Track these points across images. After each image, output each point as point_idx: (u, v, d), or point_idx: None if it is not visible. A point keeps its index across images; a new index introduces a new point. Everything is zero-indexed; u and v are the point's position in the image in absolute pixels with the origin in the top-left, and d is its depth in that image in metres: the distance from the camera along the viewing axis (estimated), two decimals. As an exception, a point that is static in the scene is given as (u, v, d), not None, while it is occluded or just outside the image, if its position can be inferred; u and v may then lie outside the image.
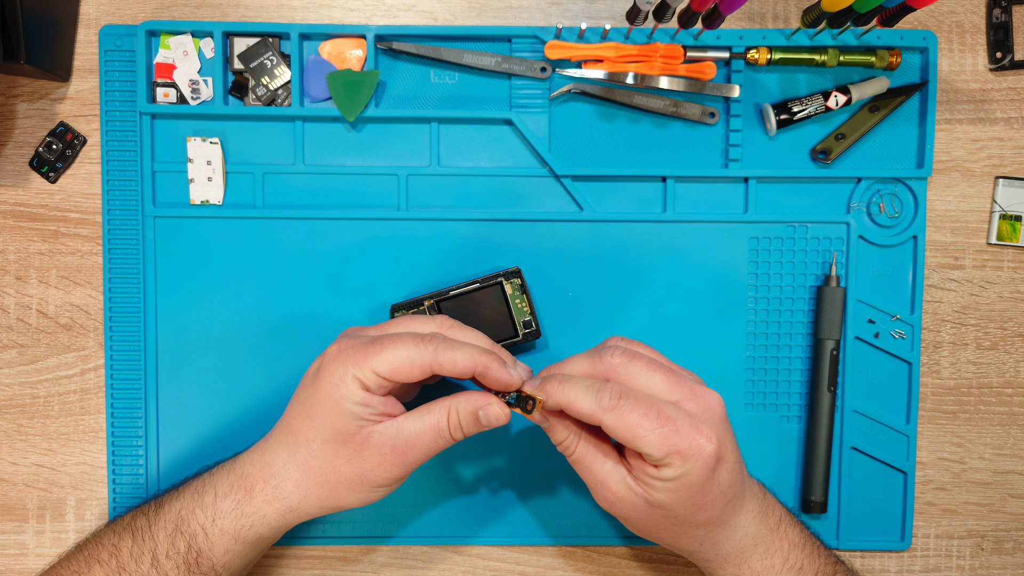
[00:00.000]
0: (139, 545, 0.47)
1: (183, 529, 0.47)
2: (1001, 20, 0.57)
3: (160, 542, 0.47)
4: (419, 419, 0.45)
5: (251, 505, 0.47)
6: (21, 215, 0.58)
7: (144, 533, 0.47)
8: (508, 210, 0.57)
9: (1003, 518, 0.59)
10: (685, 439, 0.42)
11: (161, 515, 0.48)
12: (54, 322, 0.58)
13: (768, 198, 0.57)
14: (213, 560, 0.47)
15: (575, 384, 0.44)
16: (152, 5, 0.57)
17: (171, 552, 0.47)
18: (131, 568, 0.47)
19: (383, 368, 0.43)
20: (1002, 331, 0.59)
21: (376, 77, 0.55)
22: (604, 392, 0.43)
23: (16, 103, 0.57)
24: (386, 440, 0.45)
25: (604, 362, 0.45)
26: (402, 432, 0.45)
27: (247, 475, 0.47)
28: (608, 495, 0.46)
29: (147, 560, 0.47)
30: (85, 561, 0.48)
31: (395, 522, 0.58)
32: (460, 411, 0.45)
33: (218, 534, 0.47)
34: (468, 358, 0.44)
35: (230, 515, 0.47)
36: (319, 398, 0.45)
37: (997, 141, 0.58)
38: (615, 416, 0.42)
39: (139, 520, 0.48)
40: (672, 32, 0.55)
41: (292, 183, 0.57)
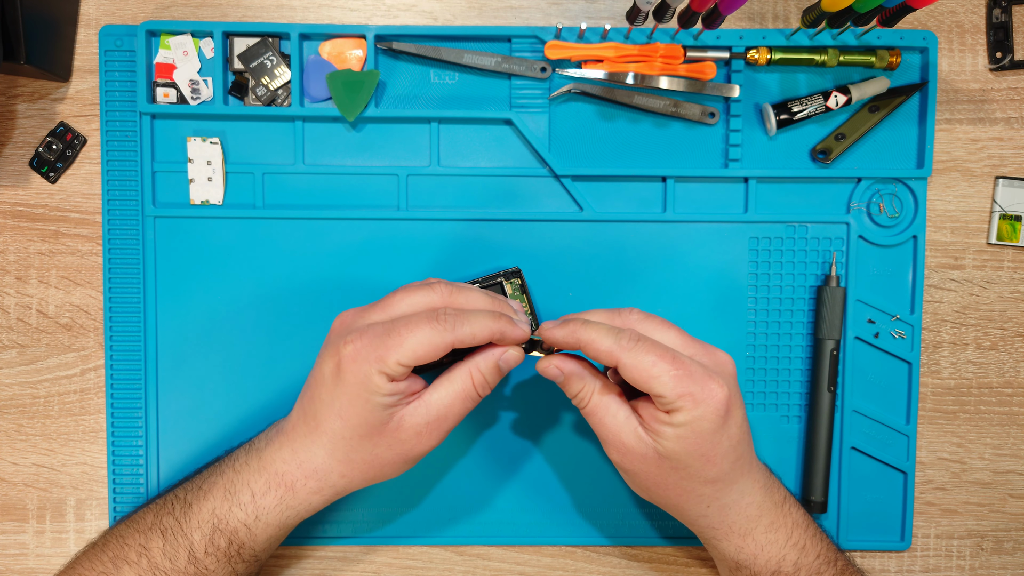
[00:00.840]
0: (172, 545, 0.47)
1: (222, 528, 0.47)
2: (1001, 20, 0.57)
3: (196, 541, 0.47)
4: (445, 390, 0.46)
5: (296, 499, 0.48)
6: (21, 215, 0.58)
7: (175, 532, 0.48)
8: (508, 210, 0.57)
9: (1003, 518, 0.59)
10: (698, 383, 0.44)
11: (192, 516, 0.48)
12: (54, 322, 0.58)
13: (768, 198, 0.57)
14: (256, 549, 0.49)
15: (596, 325, 0.45)
16: (152, 5, 0.57)
17: (210, 549, 0.47)
18: (166, 567, 0.47)
19: (407, 358, 0.44)
20: (1002, 331, 0.59)
21: (376, 77, 0.55)
22: (623, 334, 0.44)
23: (16, 103, 0.57)
24: (419, 420, 0.46)
25: (622, 316, 0.47)
26: (432, 408, 0.46)
27: (285, 473, 0.48)
28: (619, 446, 0.46)
29: (183, 557, 0.47)
30: (112, 563, 0.48)
31: (395, 522, 0.58)
32: (482, 369, 0.47)
33: (262, 528, 0.48)
34: (484, 328, 0.45)
35: (274, 510, 0.48)
36: (348, 398, 0.45)
37: (997, 141, 0.58)
38: (632, 355, 0.44)
39: (166, 520, 0.48)
40: (672, 32, 0.55)
41: (292, 183, 0.57)
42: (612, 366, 0.45)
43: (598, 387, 0.47)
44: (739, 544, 0.48)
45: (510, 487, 0.58)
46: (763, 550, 0.48)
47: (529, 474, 0.58)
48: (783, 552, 0.48)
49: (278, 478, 0.48)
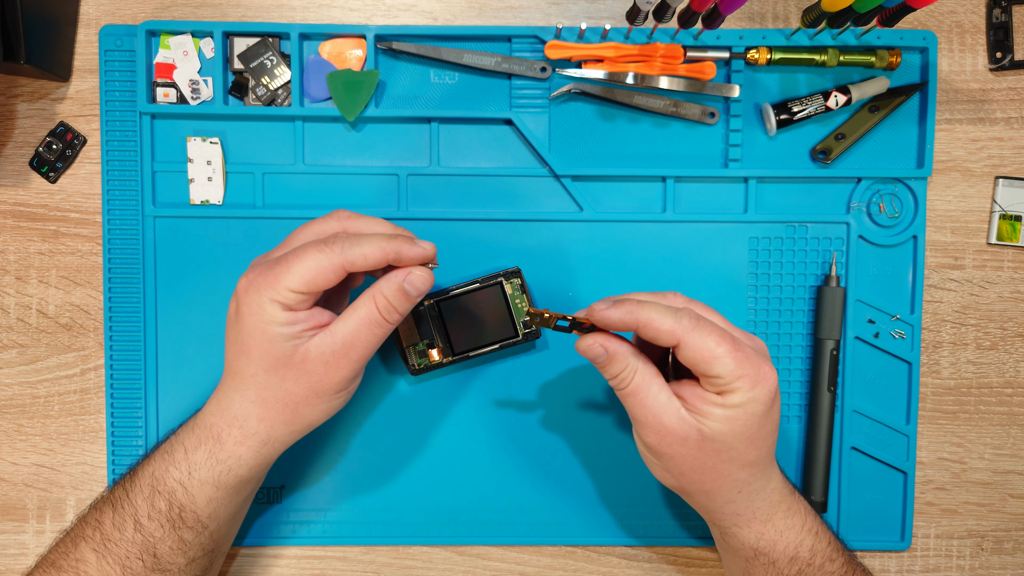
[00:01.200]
0: (120, 514, 0.47)
1: (159, 489, 0.47)
2: (1001, 20, 0.57)
3: (140, 506, 0.47)
4: (349, 318, 0.46)
5: (223, 451, 0.47)
6: (21, 215, 0.58)
7: (123, 502, 0.47)
8: (508, 210, 0.57)
9: (1003, 518, 0.59)
10: (754, 365, 0.44)
11: (136, 482, 0.48)
12: (54, 322, 0.58)
13: (768, 198, 0.57)
14: (197, 512, 0.47)
15: (653, 305, 0.44)
16: (152, 5, 0.57)
17: (152, 513, 0.47)
18: (115, 537, 0.47)
19: (296, 283, 0.43)
20: (1002, 331, 0.59)
21: (376, 77, 0.55)
22: (682, 314, 0.44)
23: (16, 103, 0.57)
24: (324, 349, 0.45)
25: (668, 299, 0.47)
26: (336, 337, 0.45)
27: (211, 425, 0.48)
28: (659, 428, 0.45)
29: (130, 526, 0.47)
30: (72, 541, 0.48)
31: (395, 522, 0.58)
32: (384, 293, 0.46)
33: (197, 485, 0.47)
34: (377, 248, 0.44)
35: (205, 465, 0.47)
36: (247, 333, 0.45)
37: (997, 141, 0.58)
38: (694, 336, 0.43)
39: (116, 492, 0.48)
40: (672, 32, 0.55)
41: (292, 183, 0.57)
42: (672, 346, 0.44)
43: (640, 367, 0.45)
44: (760, 530, 0.48)
45: (510, 487, 0.58)
46: (782, 536, 0.48)
47: (529, 474, 0.58)
48: (800, 537, 0.48)
49: (206, 431, 0.47)
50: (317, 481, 0.58)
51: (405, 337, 0.55)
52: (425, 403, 0.57)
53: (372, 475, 0.57)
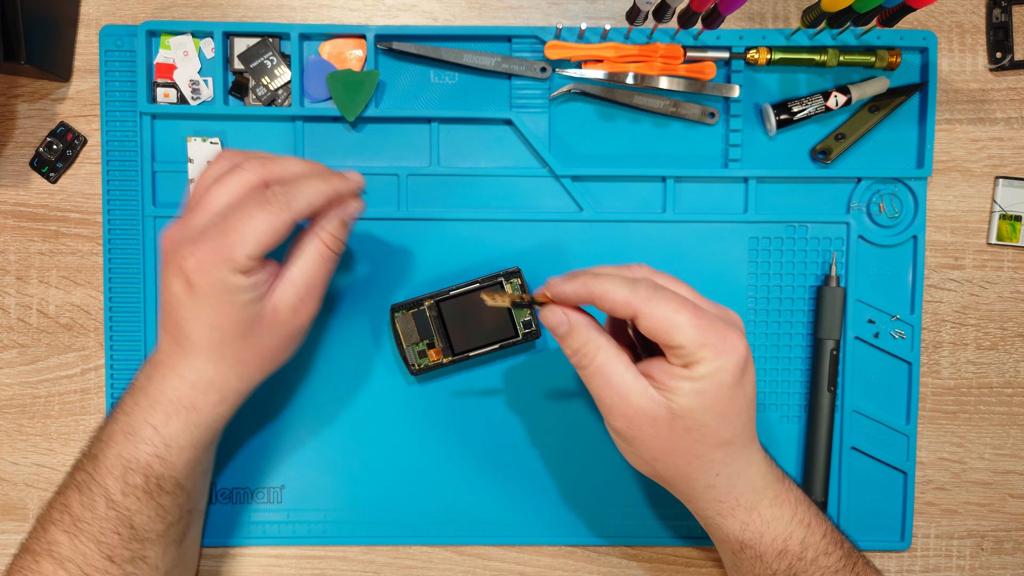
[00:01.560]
0: (87, 496, 0.46)
1: (132, 467, 0.46)
2: (1001, 20, 0.57)
3: (110, 485, 0.46)
4: (303, 262, 0.47)
5: (201, 416, 0.47)
6: (21, 215, 0.58)
7: (89, 484, 0.47)
8: (508, 210, 0.57)
9: (1003, 518, 0.59)
10: (718, 333, 0.42)
11: (100, 465, 0.47)
12: (54, 322, 0.58)
13: (768, 198, 0.57)
14: (176, 476, 0.47)
15: (609, 277, 0.43)
16: (152, 5, 0.57)
17: (127, 489, 0.46)
18: (86, 517, 0.46)
19: (253, 250, 0.43)
20: (1002, 331, 0.59)
21: (376, 77, 0.55)
22: (640, 284, 0.42)
23: (16, 103, 0.58)
24: (291, 298, 0.46)
25: (632, 271, 0.45)
26: (297, 283, 0.46)
27: (180, 398, 0.47)
28: (626, 410, 0.43)
29: (101, 504, 0.46)
30: (41, 526, 0.47)
31: (395, 522, 0.58)
32: (329, 230, 0.47)
33: (176, 453, 0.47)
34: (320, 194, 0.45)
35: (183, 434, 0.47)
36: (213, 308, 0.45)
37: (997, 141, 0.58)
38: (651, 305, 0.41)
39: (79, 476, 0.47)
40: (672, 32, 0.55)
41: (292, 183, 0.57)
42: (629, 318, 0.42)
43: (603, 344, 0.43)
44: (744, 520, 0.46)
45: (510, 487, 0.58)
46: (769, 526, 0.46)
47: (529, 474, 0.58)
48: (789, 529, 0.46)
49: (175, 404, 0.47)
50: (317, 481, 0.58)
51: (405, 337, 0.55)
52: (425, 403, 0.57)
53: (372, 475, 0.57)
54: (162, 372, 0.47)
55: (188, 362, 0.47)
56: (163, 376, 0.47)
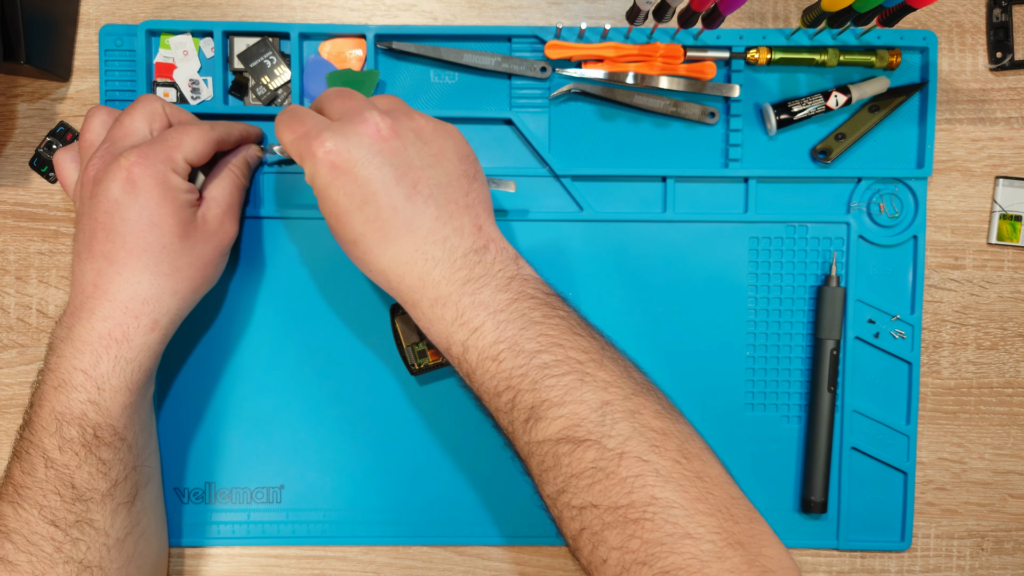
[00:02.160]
0: (27, 461, 0.45)
1: (66, 419, 0.45)
2: (1001, 20, 0.57)
3: (47, 443, 0.45)
4: (221, 185, 0.51)
5: (132, 348, 0.46)
6: (21, 215, 0.58)
7: (27, 449, 0.46)
8: (508, 210, 0.57)
9: (1003, 518, 0.59)
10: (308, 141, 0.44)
11: (35, 427, 0.46)
12: (54, 322, 0.58)
13: (768, 198, 0.57)
14: (113, 424, 0.46)
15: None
16: (152, 5, 0.57)
17: (63, 444, 0.45)
18: (26, 482, 0.45)
19: (191, 154, 0.48)
20: (1002, 331, 0.59)
21: (376, 77, 0.55)
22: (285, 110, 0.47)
23: (16, 103, 0.57)
24: (216, 211, 0.50)
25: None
26: (220, 201, 0.51)
27: (111, 330, 0.46)
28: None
29: (40, 466, 0.45)
30: None
31: (395, 522, 0.58)
32: (239, 165, 0.53)
33: (110, 395, 0.46)
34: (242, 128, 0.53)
35: (114, 373, 0.46)
36: (155, 204, 0.46)
37: (997, 141, 0.58)
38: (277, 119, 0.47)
39: (18, 445, 0.47)
40: (672, 32, 0.55)
41: (292, 183, 0.57)
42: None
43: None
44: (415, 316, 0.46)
45: (511, 487, 0.58)
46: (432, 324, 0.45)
47: (529, 474, 0.58)
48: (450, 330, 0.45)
49: (105, 339, 0.45)
50: (316, 481, 0.58)
51: (405, 337, 0.55)
52: (425, 403, 0.57)
53: (372, 475, 0.57)
54: (89, 308, 0.46)
55: (122, 277, 0.46)
56: (90, 312, 0.46)
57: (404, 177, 0.44)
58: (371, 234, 0.45)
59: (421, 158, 0.45)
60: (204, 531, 0.57)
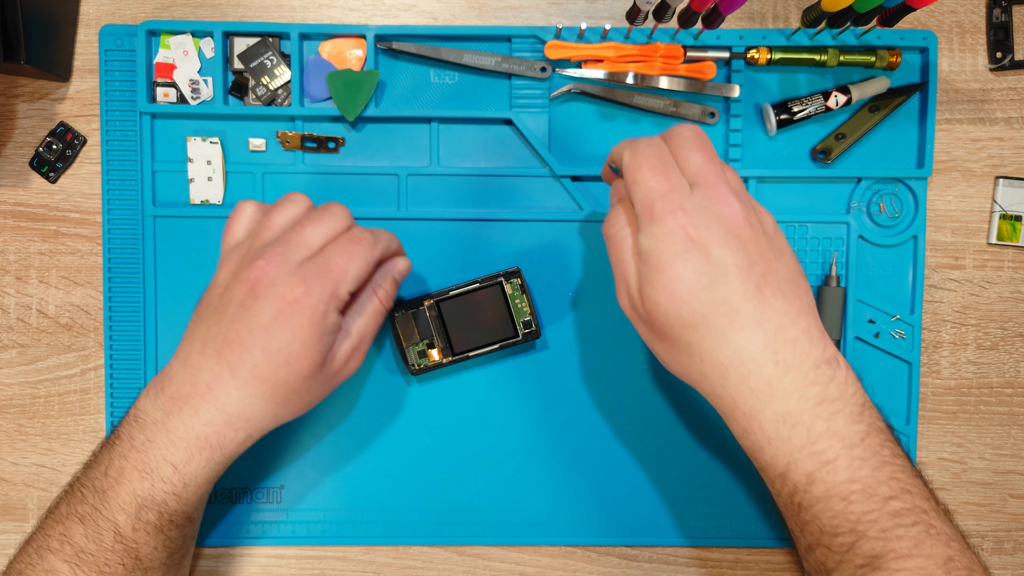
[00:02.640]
0: (93, 529, 0.45)
1: (148, 504, 0.45)
2: (1001, 20, 0.57)
3: (121, 521, 0.45)
4: (360, 316, 0.48)
5: (224, 453, 0.46)
6: (21, 215, 0.58)
7: (95, 518, 0.46)
8: (508, 210, 0.57)
9: (1003, 518, 0.59)
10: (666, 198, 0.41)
11: (110, 501, 0.45)
12: (54, 322, 0.58)
13: (768, 198, 0.57)
14: (189, 512, 0.47)
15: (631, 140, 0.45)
16: (152, 5, 0.57)
17: (138, 525, 0.45)
18: (91, 549, 0.45)
19: (354, 284, 0.46)
20: (1002, 331, 0.59)
21: (376, 77, 0.55)
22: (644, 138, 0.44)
23: (16, 103, 0.57)
24: (346, 347, 0.47)
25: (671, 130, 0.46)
26: (351, 333, 0.48)
27: (208, 435, 0.46)
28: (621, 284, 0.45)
29: (108, 537, 0.45)
30: (37, 553, 0.46)
31: (395, 522, 0.58)
32: (384, 286, 0.49)
33: (193, 491, 0.46)
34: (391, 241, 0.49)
35: (202, 472, 0.46)
36: (299, 343, 0.44)
37: (997, 141, 0.58)
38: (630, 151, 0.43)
39: (82, 508, 0.46)
40: (672, 32, 0.55)
41: (292, 183, 0.57)
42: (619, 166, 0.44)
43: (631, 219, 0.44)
44: (745, 428, 0.41)
45: (510, 487, 0.58)
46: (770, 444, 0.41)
47: (529, 474, 0.58)
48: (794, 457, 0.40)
49: (201, 442, 0.45)
50: (317, 481, 0.58)
51: (405, 337, 0.55)
52: (425, 403, 0.57)
53: (372, 475, 0.57)
54: (193, 406, 0.45)
55: (238, 394, 0.45)
56: (194, 410, 0.45)
57: (755, 266, 0.41)
58: (716, 319, 0.40)
59: (769, 250, 0.42)
60: (205, 532, 0.57)
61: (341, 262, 0.45)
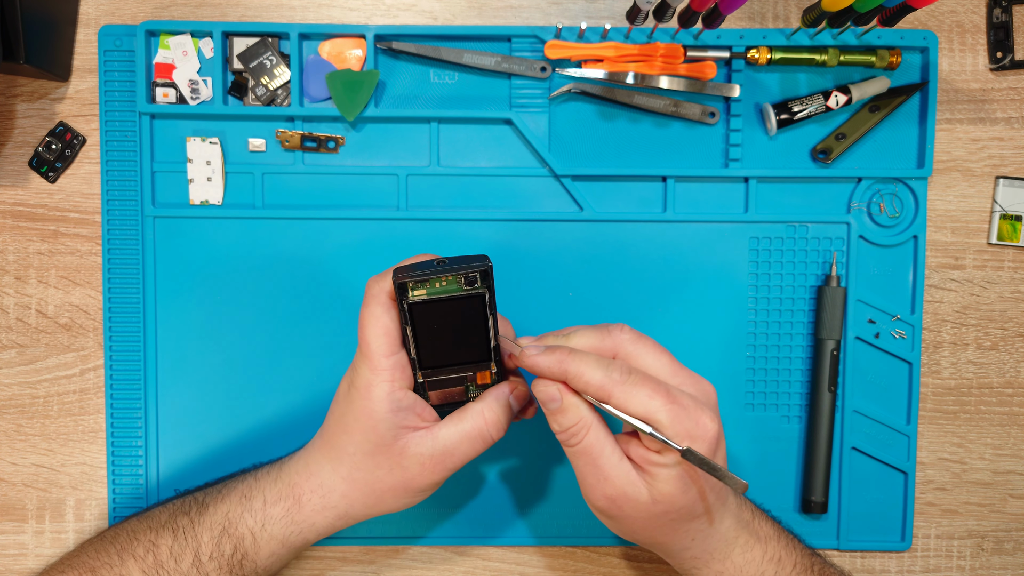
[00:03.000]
0: (180, 544, 0.47)
1: (230, 532, 0.47)
2: (1001, 20, 0.57)
3: (204, 543, 0.47)
4: (454, 427, 0.45)
5: (301, 514, 0.48)
6: (20, 215, 0.58)
7: (187, 532, 0.48)
8: (508, 210, 0.57)
9: (1003, 518, 0.59)
10: (692, 418, 0.41)
11: (206, 516, 0.48)
12: (53, 322, 0.58)
13: (768, 198, 0.57)
14: (257, 563, 0.48)
15: (583, 356, 0.42)
16: (152, 5, 0.57)
17: (215, 553, 0.47)
18: (170, 566, 0.47)
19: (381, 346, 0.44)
20: (1002, 331, 0.59)
21: (376, 77, 0.55)
22: (613, 367, 0.42)
23: (16, 103, 0.57)
24: (424, 450, 0.45)
25: (612, 336, 0.44)
26: (439, 441, 0.45)
27: (295, 484, 0.48)
28: (609, 491, 0.43)
29: (188, 559, 0.47)
30: (118, 555, 0.48)
31: (395, 522, 0.58)
32: (492, 408, 0.46)
33: (266, 539, 0.48)
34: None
35: (280, 522, 0.48)
36: (354, 413, 0.45)
37: (997, 141, 0.58)
38: (624, 390, 0.41)
39: (180, 520, 0.48)
40: (672, 32, 0.55)
41: (292, 183, 0.57)
42: (602, 401, 0.42)
43: (594, 423, 0.43)
44: (719, 570, 0.47)
45: (511, 487, 0.58)
46: (742, 571, 0.47)
47: (529, 474, 0.58)
48: (761, 569, 0.47)
49: (290, 488, 0.48)
50: (317, 481, 0.57)
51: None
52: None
53: (372, 475, 0.57)
54: (300, 455, 0.49)
55: (317, 455, 0.48)
56: (298, 458, 0.49)
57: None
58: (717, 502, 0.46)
59: None
60: (204, 531, 0.57)
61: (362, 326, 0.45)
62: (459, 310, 0.44)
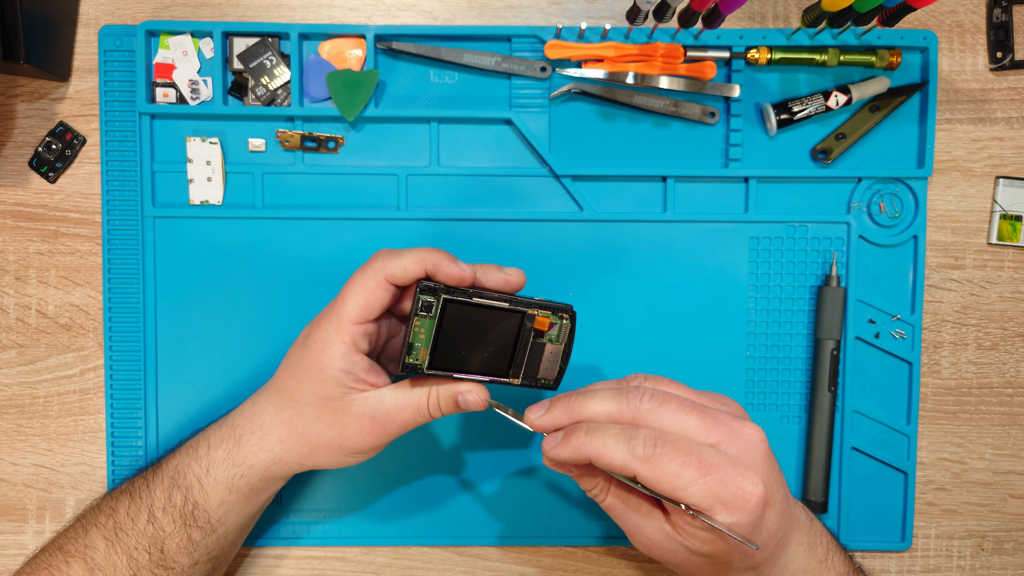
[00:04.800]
0: (136, 504, 0.48)
1: (179, 482, 0.48)
2: (1001, 20, 0.57)
3: (157, 497, 0.48)
4: (401, 393, 0.46)
5: (239, 454, 0.48)
6: (21, 215, 0.58)
7: (141, 492, 0.48)
8: (508, 210, 0.57)
9: (1003, 518, 0.59)
10: (730, 487, 0.39)
11: (159, 473, 0.49)
12: (53, 322, 0.58)
13: (768, 198, 0.57)
14: (209, 512, 0.48)
15: (603, 433, 0.40)
16: (152, 5, 0.57)
17: (167, 506, 0.48)
18: (127, 526, 0.47)
19: (354, 312, 0.44)
20: (1002, 331, 0.59)
21: (376, 77, 0.55)
22: (637, 440, 0.39)
23: (16, 103, 0.57)
24: (367, 410, 0.45)
25: (631, 406, 0.41)
26: (383, 404, 0.45)
27: (237, 426, 0.49)
28: (645, 541, 0.43)
29: (143, 516, 0.48)
30: (83, 527, 0.49)
31: (395, 522, 0.58)
32: (440, 394, 0.46)
33: (212, 484, 0.48)
34: (416, 259, 0.43)
35: (222, 464, 0.48)
36: (305, 364, 0.46)
37: (997, 141, 0.58)
38: (652, 467, 0.39)
39: (137, 482, 0.49)
40: (672, 32, 0.55)
41: (292, 183, 0.57)
42: (629, 477, 0.40)
43: (612, 488, 0.43)
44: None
45: (511, 487, 0.58)
46: None
47: (529, 474, 0.58)
48: None
49: (232, 431, 0.49)
50: (317, 482, 0.57)
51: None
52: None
53: (372, 476, 0.57)
54: (247, 401, 0.50)
55: (262, 396, 0.49)
56: (244, 404, 0.50)
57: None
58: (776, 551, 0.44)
59: None
60: (204, 531, 0.57)
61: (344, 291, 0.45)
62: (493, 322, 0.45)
